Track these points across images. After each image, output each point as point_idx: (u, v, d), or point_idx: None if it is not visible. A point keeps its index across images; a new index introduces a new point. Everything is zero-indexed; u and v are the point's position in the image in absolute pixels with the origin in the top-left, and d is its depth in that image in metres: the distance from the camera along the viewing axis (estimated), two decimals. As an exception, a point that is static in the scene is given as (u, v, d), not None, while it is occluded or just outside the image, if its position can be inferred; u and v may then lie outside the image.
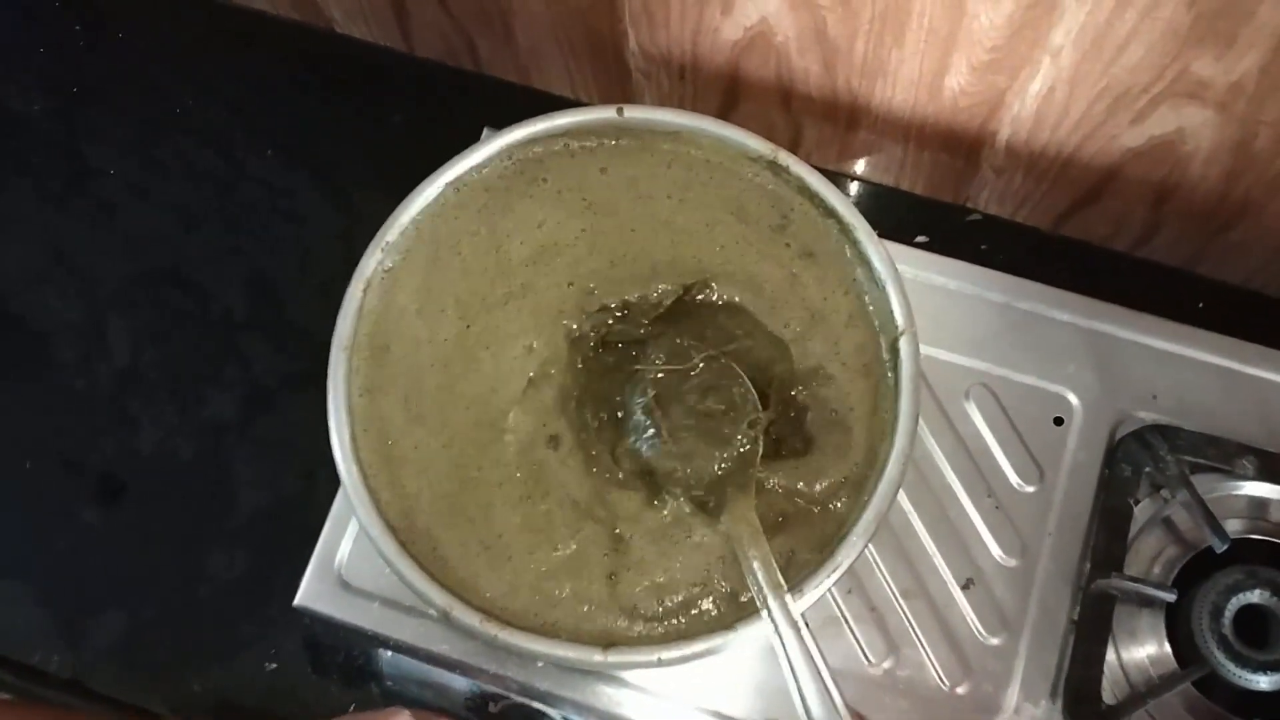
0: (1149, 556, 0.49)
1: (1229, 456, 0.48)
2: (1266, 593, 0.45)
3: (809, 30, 0.51)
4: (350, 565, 0.47)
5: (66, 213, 0.63)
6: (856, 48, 0.51)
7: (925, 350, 0.44)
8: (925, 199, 0.60)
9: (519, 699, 0.46)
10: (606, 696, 0.45)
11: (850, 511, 0.42)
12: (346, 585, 0.47)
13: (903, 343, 0.43)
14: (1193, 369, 0.51)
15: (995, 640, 0.47)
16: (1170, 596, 0.46)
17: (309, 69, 0.66)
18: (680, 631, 0.40)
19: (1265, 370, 0.51)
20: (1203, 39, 0.44)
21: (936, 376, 0.50)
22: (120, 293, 0.61)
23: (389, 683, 0.49)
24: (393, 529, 0.42)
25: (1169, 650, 0.47)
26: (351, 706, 0.52)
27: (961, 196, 0.60)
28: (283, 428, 0.58)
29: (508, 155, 0.46)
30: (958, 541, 0.48)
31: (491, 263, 0.45)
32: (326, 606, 0.47)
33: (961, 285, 0.52)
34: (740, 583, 0.41)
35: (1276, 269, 0.56)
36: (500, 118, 0.48)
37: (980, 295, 0.52)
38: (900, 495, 0.43)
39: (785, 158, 0.45)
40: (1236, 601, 0.45)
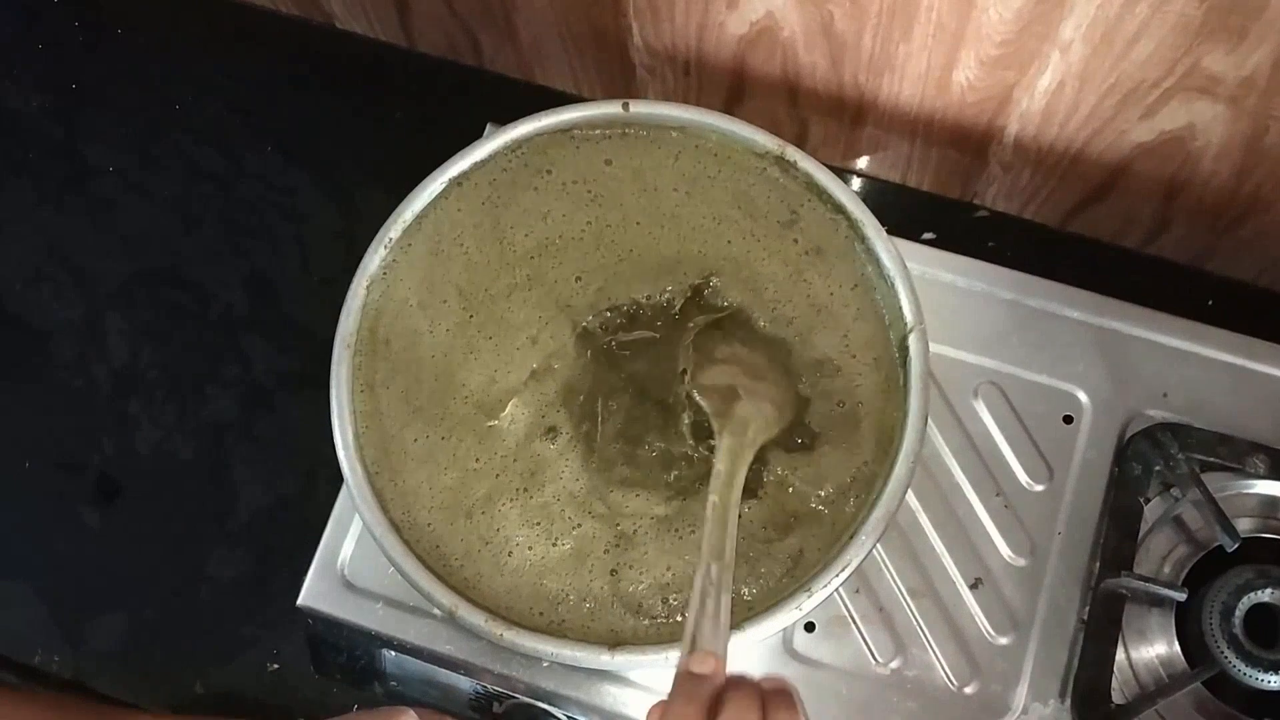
0: (1159, 555, 0.48)
1: (1240, 455, 0.48)
2: (1277, 592, 0.45)
3: (816, 25, 0.51)
4: (353, 565, 0.47)
5: (65, 211, 0.63)
6: (864, 42, 0.51)
7: (934, 348, 0.43)
8: (932, 195, 0.60)
9: (523, 699, 0.46)
10: (611, 696, 0.45)
11: (859, 510, 0.41)
12: (350, 585, 0.47)
13: (912, 339, 0.42)
14: (1204, 366, 0.50)
15: (1004, 640, 0.47)
16: (1180, 596, 0.46)
17: (309, 66, 0.65)
18: (688, 632, 0.40)
19: (1277, 368, 0.50)
20: (1214, 33, 0.43)
21: (945, 374, 0.50)
22: (119, 292, 0.61)
23: (392, 683, 0.49)
24: (396, 527, 0.42)
25: (1179, 650, 0.46)
26: (355, 707, 0.52)
27: (969, 193, 0.59)
28: (283, 427, 0.58)
29: (512, 149, 0.46)
30: (966, 541, 0.48)
31: (495, 254, 0.45)
32: (330, 606, 0.46)
33: (970, 282, 0.51)
34: (745, 580, 0.40)
35: (1287, 266, 0.55)
36: (503, 114, 0.47)
37: (989, 292, 0.51)
38: (908, 494, 0.43)
39: (793, 153, 0.44)
40: (1247, 601, 0.45)
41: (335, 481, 0.47)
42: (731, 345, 0.43)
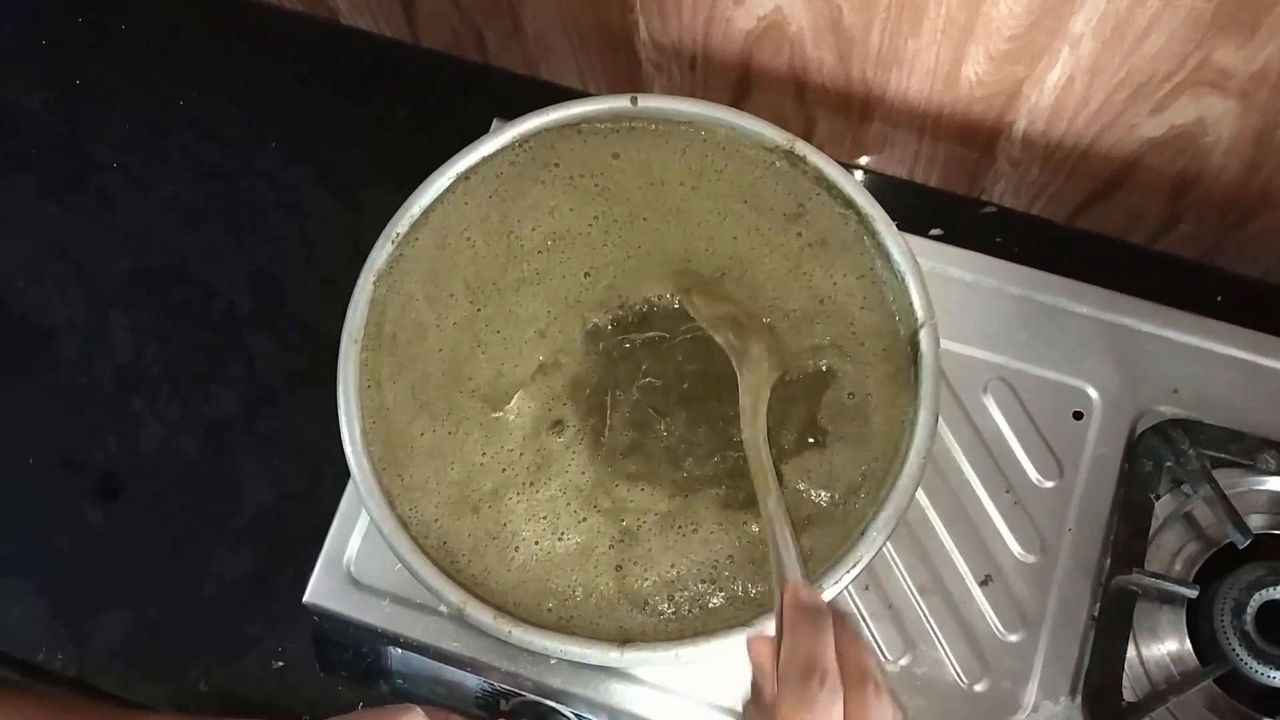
0: (1170, 552, 0.48)
1: (1251, 451, 0.48)
2: (1290, 589, 0.45)
3: (823, 20, 0.50)
4: (360, 562, 0.47)
5: (68, 208, 0.63)
6: (872, 37, 0.50)
7: (943, 344, 0.43)
8: (940, 191, 0.60)
9: (531, 696, 0.45)
10: (619, 694, 0.45)
11: (869, 508, 0.41)
12: (356, 582, 0.46)
13: (923, 335, 0.42)
14: (1215, 363, 0.50)
15: (1014, 637, 0.46)
16: (1192, 593, 0.45)
17: (313, 61, 0.65)
18: (697, 628, 0.40)
19: (1287, 364, 0.50)
20: (1225, 27, 0.43)
21: (954, 370, 0.50)
22: (122, 289, 0.61)
23: (399, 681, 0.48)
24: (404, 523, 0.41)
25: (1190, 647, 0.46)
26: (360, 705, 0.52)
27: (976, 189, 0.59)
28: (287, 424, 0.57)
29: (519, 143, 0.46)
30: (976, 538, 0.48)
31: (502, 248, 0.44)
32: (336, 604, 0.46)
33: (980, 278, 0.51)
34: (751, 579, 0.40)
35: (1296, 262, 0.55)
36: (508, 110, 0.47)
37: (999, 288, 0.51)
38: (918, 491, 0.43)
39: (802, 147, 0.44)
40: (1259, 598, 0.45)
41: (340, 479, 0.46)
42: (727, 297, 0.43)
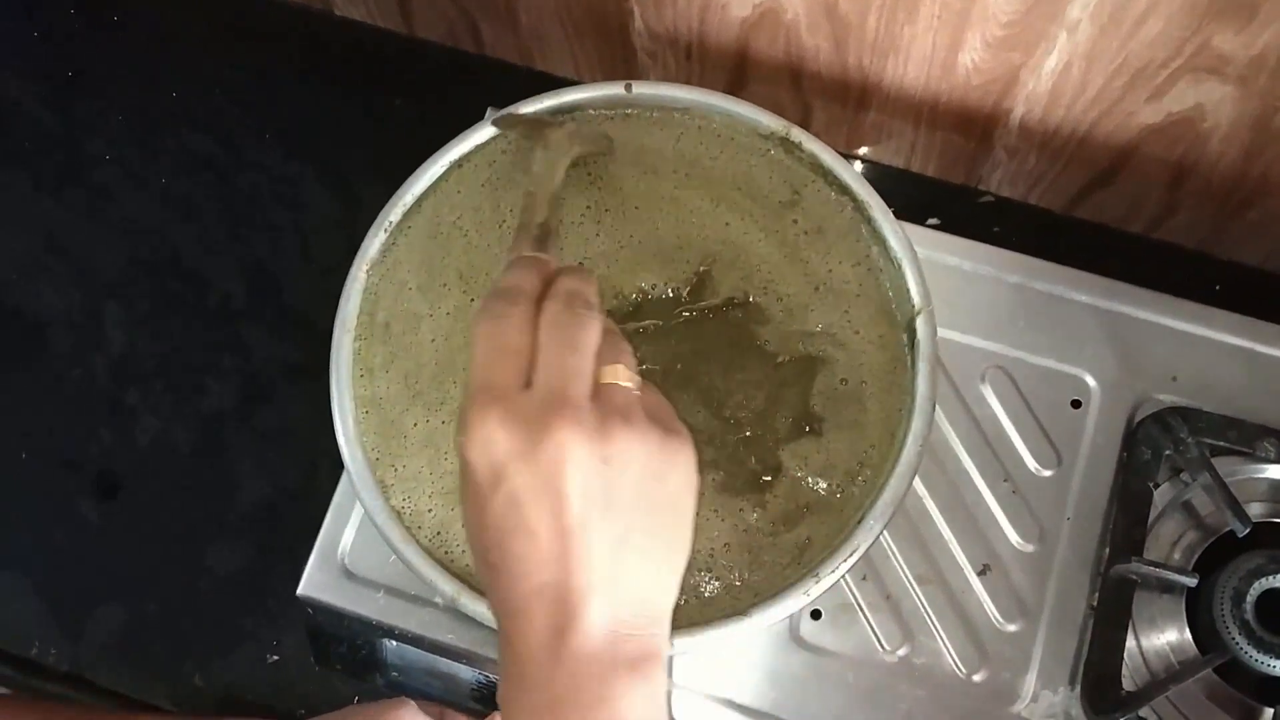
0: (1169, 541, 0.48)
1: (1250, 439, 0.47)
2: (1289, 577, 0.44)
3: (819, 7, 0.50)
4: (354, 554, 0.47)
5: (63, 201, 0.62)
6: (868, 24, 0.50)
7: (940, 333, 0.43)
8: (936, 181, 0.59)
9: (527, 689, 0.45)
10: (617, 686, 0.45)
11: (867, 495, 0.41)
12: (350, 574, 0.46)
13: (919, 322, 0.42)
14: (1213, 350, 0.50)
15: (1013, 627, 0.46)
16: (1191, 581, 0.45)
17: (308, 53, 0.65)
18: (693, 617, 0.39)
19: (1287, 352, 0.50)
20: (1223, 12, 0.43)
21: (952, 359, 0.49)
22: (117, 282, 0.60)
23: (394, 673, 0.48)
24: (398, 514, 0.41)
25: (1189, 636, 0.46)
26: (355, 698, 0.52)
27: (973, 178, 0.59)
28: (283, 418, 0.57)
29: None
30: (974, 527, 0.48)
31: (495, 238, 0.44)
32: (330, 596, 0.46)
33: (977, 266, 0.51)
34: (747, 566, 0.40)
35: (1296, 249, 0.55)
36: (502, 101, 0.47)
37: (996, 276, 0.51)
38: (916, 481, 0.42)
39: (798, 134, 0.44)
40: (1258, 586, 0.45)
41: (335, 473, 0.46)
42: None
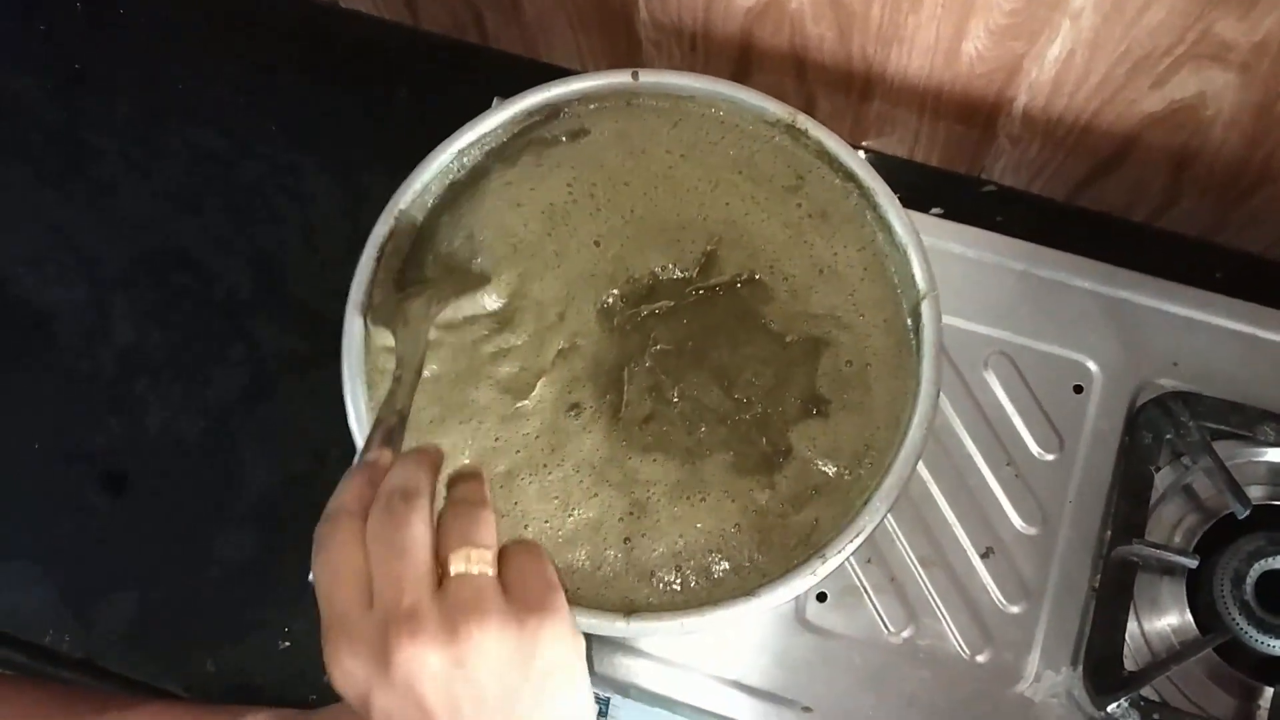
0: (1170, 524, 0.48)
1: (1250, 423, 0.48)
2: (1289, 559, 0.45)
3: (823, -4, 0.50)
4: (365, 540, 0.47)
5: (68, 194, 0.62)
6: (872, 13, 0.50)
7: (944, 319, 0.43)
8: (940, 170, 0.60)
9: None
10: (625, 667, 0.45)
11: (872, 478, 0.41)
12: (361, 560, 0.47)
13: (925, 307, 0.42)
14: (1214, 335, 0.50)
15: (1015, 609, 0.47)
16: (1192, 563, 0.46)
17: (313, 46, 0.65)
18: (701, 598, 0.40)
19: (1287, 337, 0.50)
20: (1225, -1, 0.43)
21: (955, 345, 0.50)
22: (123, 274, 0.61)
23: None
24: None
25: (1190, 617, 0.47)
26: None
27: (976, 168, 0.59)
28: (290, 408, 0.58)
29: (517, 123, 0.46)
30: (977, 510, 0.48)
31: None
32: (341, 582, 0.46)
33: (981, 253, 0.51)
34: (756, 547, 0.40)
35: (1297, 237, 0.55)
36: (507, 92, 0.47)
37: (1000, 263, 0.51)
38: (920, 465, 0.43)
39: (804, 121, 0.44)
40: (1259, 568, 0.45)
41: (344, 461, 0.46)
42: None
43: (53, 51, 0.65)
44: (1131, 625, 0.46)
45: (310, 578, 0.42)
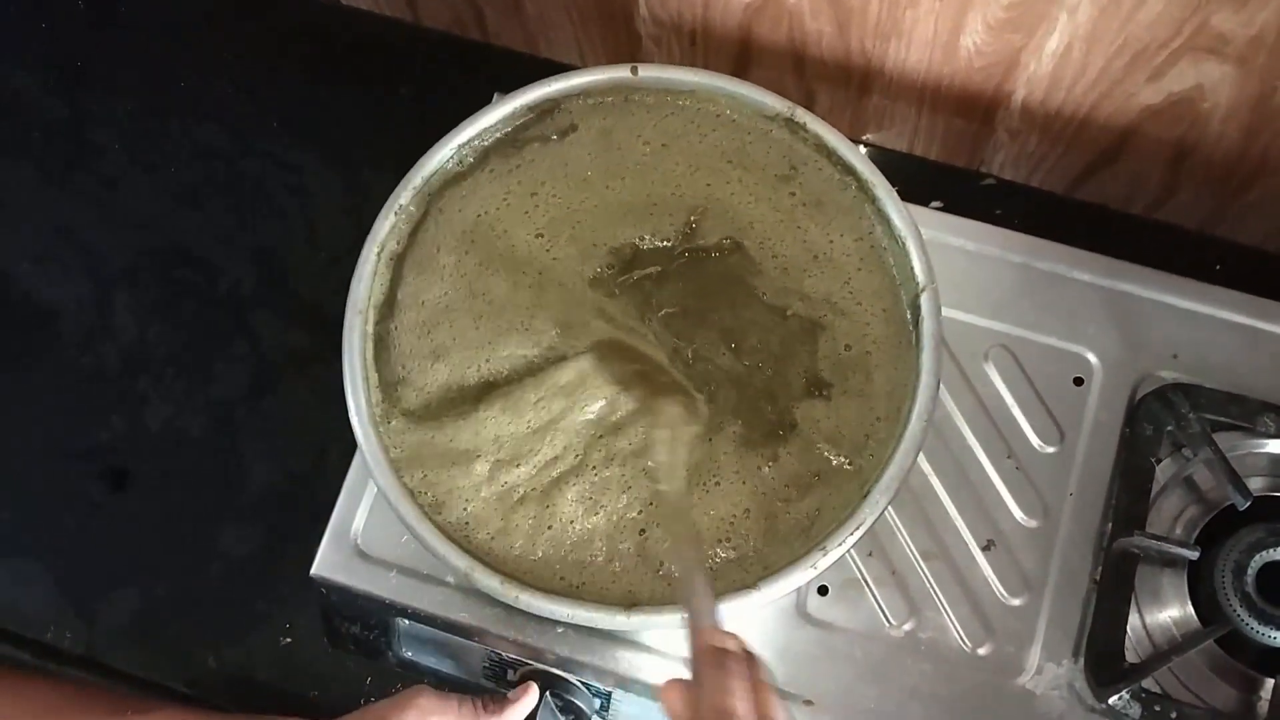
0: (1171, 515, 0.48)
1: (1251, 414, 0.48)
2: (1290, 550, 0.45)
3: (822, -9, 0.50)
4: (366, 534, 0.47)
5: (70, 191, 0.63)
6: (870, 8, 0.50)
7: (944, 312, 0.43)
8: (939, 164, 0.60)
9: (538, 665, 0.46)
10: (626, 661, 0.45)
11: (873, 470, 0.41)
12: (363, 554, 0.47)
13: (924, 299, 0.42)
14: (1214, 327, 0.50)
15: (1017, 601, 0.47)
16: (1193, 554, 0.46)
17: (314, 42, 0.65)
18: (704, 591, 0.40)
19: (1287, 329, 0.50)
20: (1222, -9, 0.43)
21: (956, 338, 0.50)
22: (127, 270, 0.61)
23: (406, 653, 0.49)
24: (411, 492, 0.42)
25: (1191, 609, 0.47)
26: (368, 679, 0.52)
27: (975, 161, 0.59)
28: (293, 403, 0.58)
29: (516, 118, 0.46)
30: (978, 503, 0.48)
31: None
32: (343, 576, 0.46)
33: (981, 246, 0.51)
34: (762, 534, 0.40)
35: (1295, 229, 0.55)
36: (508, 88, 0.47)
37: (999, 256, 0.51)
38: (920, 457, 0.43)
39: (802, 115, 0.44)
40: (1259, 559, 0.45)
41: (346, 457, 0.47)
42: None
43: (55, 49, 0.65)
44: (1133, 617, 0.46)
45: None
